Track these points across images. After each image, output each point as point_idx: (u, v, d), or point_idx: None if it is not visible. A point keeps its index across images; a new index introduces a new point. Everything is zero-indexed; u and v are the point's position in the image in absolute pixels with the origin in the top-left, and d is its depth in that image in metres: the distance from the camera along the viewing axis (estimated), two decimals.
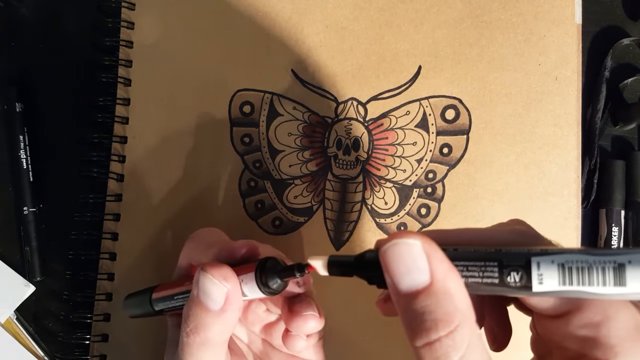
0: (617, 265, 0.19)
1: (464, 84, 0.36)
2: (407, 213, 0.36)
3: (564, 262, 0.19)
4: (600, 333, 0.20)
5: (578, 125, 0.35)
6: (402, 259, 0.20)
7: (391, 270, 0.20)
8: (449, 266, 0.20)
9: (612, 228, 0.37)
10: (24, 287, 0.37)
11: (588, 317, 0.20)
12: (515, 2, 0.36)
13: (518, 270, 0.19)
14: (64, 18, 0.39)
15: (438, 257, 0.20)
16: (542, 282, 0.19)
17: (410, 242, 0.20)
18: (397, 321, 0.20)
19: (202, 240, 0.29)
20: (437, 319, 0.19)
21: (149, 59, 0.36)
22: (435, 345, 0.19)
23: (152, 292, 0.29)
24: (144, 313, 0.30)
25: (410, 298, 0.20)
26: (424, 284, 0.19)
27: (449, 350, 0.19)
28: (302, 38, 0.36)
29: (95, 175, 0.36)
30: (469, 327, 0.19)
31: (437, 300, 0.19)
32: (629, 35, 0.38)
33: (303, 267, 0.23)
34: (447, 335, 0.19)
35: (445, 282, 0.19)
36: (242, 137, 0.36)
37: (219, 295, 0.24)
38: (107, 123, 0.36)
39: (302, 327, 0.27)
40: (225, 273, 0.24)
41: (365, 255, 0.22)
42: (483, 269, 0.20)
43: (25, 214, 0.37)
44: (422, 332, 0.19)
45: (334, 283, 0.35)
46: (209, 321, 0.24)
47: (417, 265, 0.20)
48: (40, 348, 0.37)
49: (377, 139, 0.36)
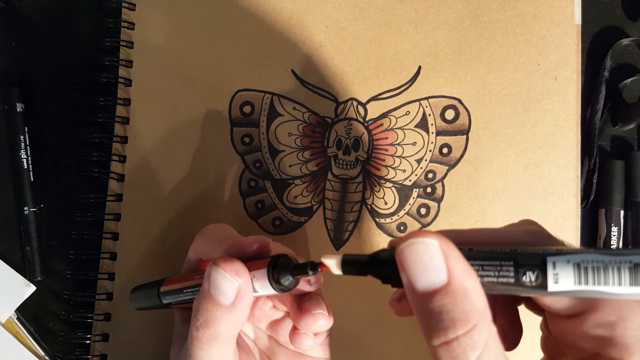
0: (633, 265, 0.19)
1: (463, 84, 0.36)
2: (407, 213, 0.36)
3: (579, 261, 0.19)
4: (615, 333, 0.20)
5: (577, 126, 0.35)
6: (420, 258, 0.20)
7: (408, 270, 0.20)
8: (466, 265, 0.20)
9: (611, 228, 0.37)
10: (25, 286, 0.37)
11: (603, 317, 0.20)
12: (514, 2, 0.36)
13: (534, 270, 0.20)
14: (64, 18, 0.39)
15: (455, 257, 0.20)
16: (557, 281, 0.19)
17: (427, 241, 0.20)
18: (398, 322, 0.21)
19: (212, 235, 0.29)
20: (454, 318, 0.19)
21: (150, 59, 0.37)
22: (453, 344, 0.19)
23: (161, 285, 0.29)
24: (151, 305, 0.30)
25: (427, 297, 0.20)
26: (441, 284, 0.19)
27: (467, 349, 0.19)
28: (302, 38, 0.36)
29: (96, 175, 0.36)
30: (486, 326, 0.19)
31: (455, 300, 0.19)
32: (629, 35, 0.38)
33: (316, 266, 0.23)
34: (464, 335, 0.19)
35: (462, 282, 0.19)
36: (242, 137, 0.36)
37: (231, 290, 0.24)
38: (108, 123, 0.36)
39: (311, 326, 0.27)
40: (238, 268, 0.24)
41: (379, 254, 0.22)
42: (499, 269, 0.20)
43: (26, 213, 0.37)
44: (439, 332, 0.19)
45: (336, 283, 0.35)
46: (219, 316, 0.24)
47: (434, 264, 0.20)
48: (41, 348, 0.37)
49: (377, 139, 0.36)
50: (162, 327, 0.35)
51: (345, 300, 0.35)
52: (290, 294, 0.28)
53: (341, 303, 0.35)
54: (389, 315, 0.34)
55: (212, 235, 0.29)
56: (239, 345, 0.28)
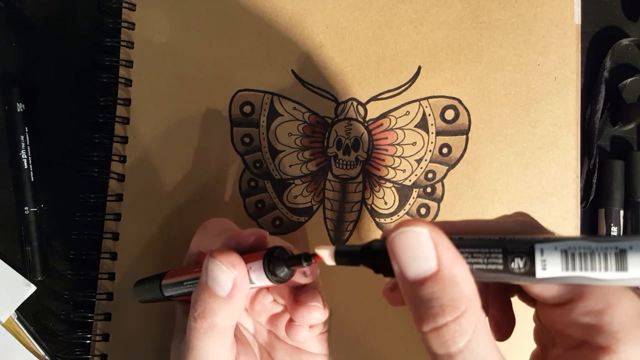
0: (619, 250, 0.19)
1: (463, 84, 0.36)
2: (407, 213, 0.36)
3: (566, 248, 0.20)
4: (602, 320, 0.20)
5: (577, 126, 0.35)
6: (410, 246, 0.20)
7: (399, 258, 0.20)
8: (455, 253, 0.20)
9: (611, 228, 0.37)
10: (25, 286, 0.37)
11: (590, 305, 0.20)
12: (514, 2, 0.36)
13: (522, 257, 0.20)
14: (65, 18, 0.39)
15: (445, 245, 0.20)
16: (545, 267, 0.20)
17: (417, 230, 0.20)
18: (399, 323, 0.21)
19: (212, 228, 0.30)
20: (443, 305, 0.19)
21: (150, 59, 0.37)
22: (443, 330, 0.19)
23: (162, 278, 0.29)
24: (153, 298, 0.30)
25: (417, 285, 0.20)
26: (431, 271, 0.20)
27: (456, 335, 0.19)
28: (302, 38, 0.36)
29: (96, 175, 0.36)
30: (475, 313, 0.20)
31: (444, 287, 0.19)
32: (628, 35, 0.38)
33: (310, 257, 0.24)
34: (454, 321, 0.19)
35: (451, 269, 0.20)
36: (242, 137, 0.36)
37: (227, 281, 0.24)
38: (108, 123, 0.36)
39: (305, 317, 0.27)
40: (234, 260, 0.24)
41: (371, 244, 0.22)
42: (487, 256, 0.20)
43: (27, 213, 0.37)
44: (429, 318, 0.19)
45: (337, 285, 0.35)
46: (216, 307, 0.24)
47: (424, 252, 0.20)
48: (41, 347, 0.37)
49: (377, 139, 0.36)
50: (162, 327, 0.35)
51: (346, 301, 0.35)
52: (288, 287, 0.28)
53: (342, 303, 0.35)
54: (389, 316, 0.35)
55: (211, 229, 0.30)
56: (237, 339, 0.28)
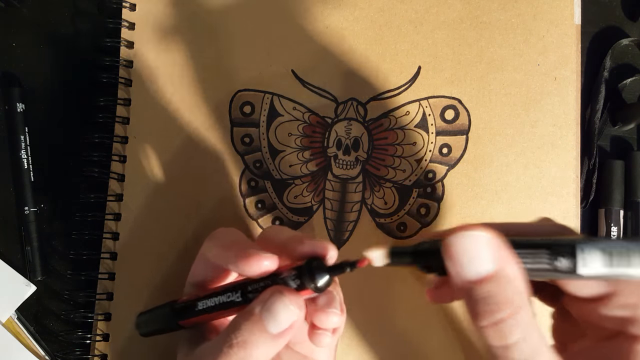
0: None
1: (463, 84, 0.36)
2: (407, 213, 0.36)
3: (606, 247, 0.22)
4: (637, 312, 0.23)
5: (577, 126, 0.35)
6: (468, 249, 0.22)
7: (456, 260, 0.22)
8: (510, 254, 0.22)
9: (611, 228, 0.37)
10: (25, 286, 0.37)
11: (625, 299, 0.23)
12: (514, 2, 0.36)
13: (566, 256, 0.22)
14: (64, 19, 0.39)
15: (501, 247, 0.22)
16: (586, 265, 0.22)
17: (476, 234, 0.22)
18: (400, 323, 0.21)
19: (222, 238, 0.28)
20: (499, 302, 0.21)
21: (150, 59, 0.37)
22: (500, 325, 0.21)
23: (173, 301, 0.28)
24: (161, 328, 0.29)
25: (475, 285, 0.22)
26: (488, 272, 0.22)
27: (513, 328, 0.21)
28: (302, 38, 0.36)
29: (96, 175, 0.36)
30: (528, 308, 0.22)
31: (499, 285, 0.22)
32: (628, 35, 0.38)
33: (354, 263, 0.24)
34: (510, 316, 0.21)
35: (507, 270, 0.22)
36: (242, 137, 0.36)
37: (286, 321, 0.23)
38: (108, 123, 0.36)
39: (325, 322, 0.26)
40: (302, 303, 0.24)
41: (422, 245, 0.24)
42: (535, 256, 0.22)
43: (26, 213, 0.37)
44: (486, 314, 0.21)
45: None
46: (261, 341, 0.23)
47: (481, 255, 0.22)
48: (41, 347, 0.37)
49: (377, 139, 0.36)
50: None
51: (346, 301, 0.35)
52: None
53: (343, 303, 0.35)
54: (393, 320, 0.35)
55: (222, 239, 0.28)
56: None
